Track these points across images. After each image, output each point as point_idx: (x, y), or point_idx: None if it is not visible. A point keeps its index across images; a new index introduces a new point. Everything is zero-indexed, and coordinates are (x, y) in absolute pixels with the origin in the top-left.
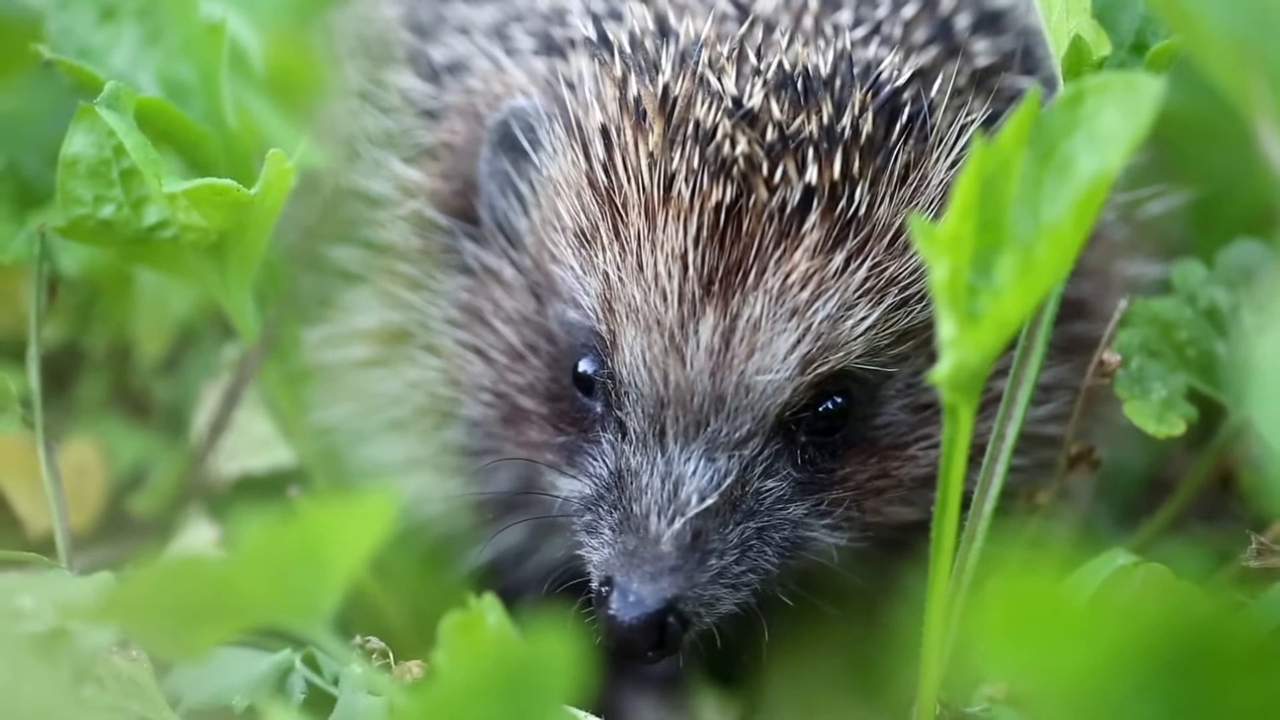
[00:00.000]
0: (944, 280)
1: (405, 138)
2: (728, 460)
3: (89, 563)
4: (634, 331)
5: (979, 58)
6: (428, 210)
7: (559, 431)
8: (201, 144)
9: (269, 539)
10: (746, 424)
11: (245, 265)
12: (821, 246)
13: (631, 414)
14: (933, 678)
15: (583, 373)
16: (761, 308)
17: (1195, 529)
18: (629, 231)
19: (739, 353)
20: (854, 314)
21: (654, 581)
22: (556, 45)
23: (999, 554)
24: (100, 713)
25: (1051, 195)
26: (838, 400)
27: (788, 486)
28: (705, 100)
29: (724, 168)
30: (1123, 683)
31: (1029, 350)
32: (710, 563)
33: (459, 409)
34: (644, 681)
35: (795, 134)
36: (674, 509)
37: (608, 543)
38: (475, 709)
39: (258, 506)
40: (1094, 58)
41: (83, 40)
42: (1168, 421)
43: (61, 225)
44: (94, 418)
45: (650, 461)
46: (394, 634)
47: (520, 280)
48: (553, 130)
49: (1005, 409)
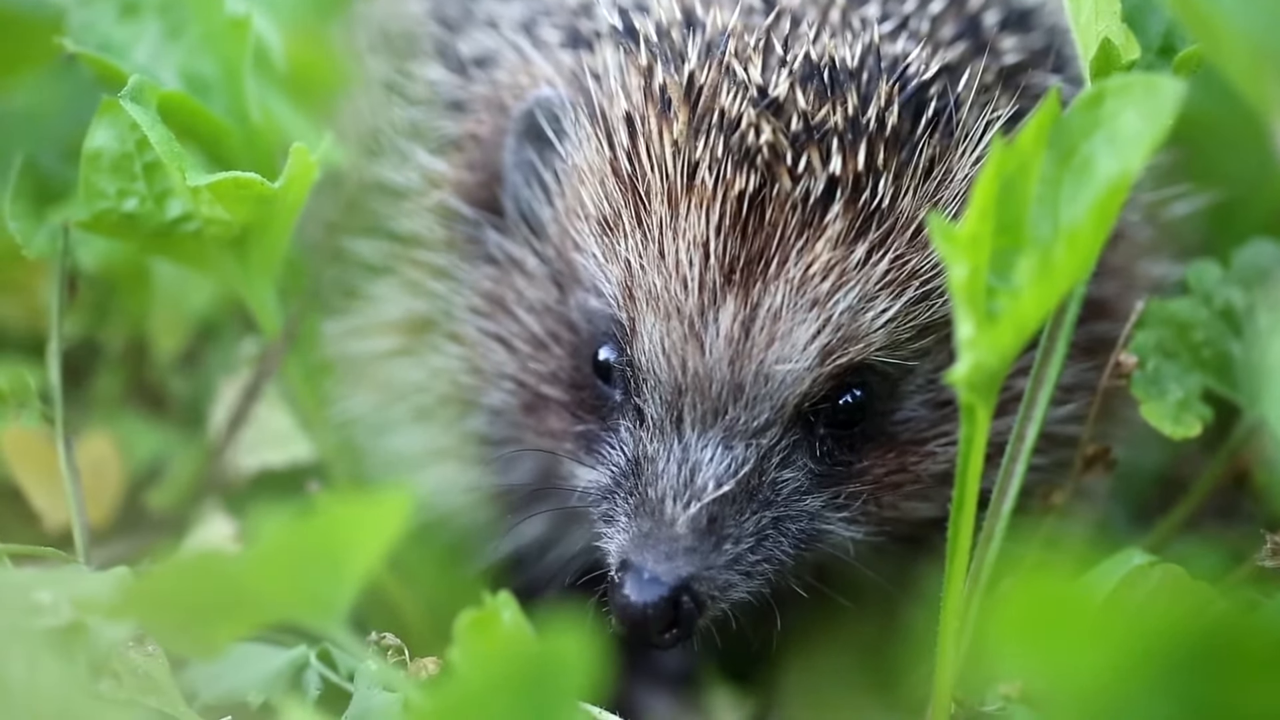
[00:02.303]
0: (962, 281)
1: (431, 129)
2: (745, 448)
3: (106, 558)
4: (653, 318)
5: (1007, 55)
6: (452, 201)
7: (578, 420)
8: (224, 138)
9: (286, 535)
10: (765, 413)
11: (268, 260)
12: (844, 238)
13: (650, 401)
14: (948, 675)
15: (603, 360)
16: (782, 297)
17: (1210, 529)
18: (651, 219)
19: (759, 341)
20: (875, 306)
21: (669, 560)
22: (583, 38)
23: (1015, 553)
24: (116, 707)
25: (1071, 196)
26: (857, 393)
27: (805, 478)
28: (730, 89)
29: (748, 157)
30: (1137, 682)
31: (1050, 351)
32: (725, 548)
33: (481, 397)
34: (658, 678)
35: (820, 124)
36: (690, 494)
37: (623, 529)
38: (490, 706)
39: (276, 502)
40: (1123, 60)
41: (104, 35)
42: (1184, 422)
43: (84, 219)
44: (111, 413)
45: (667, 448)
46: (410, 631)
47: (543, 269)
48: (578, 119)
49: (1025, 410)
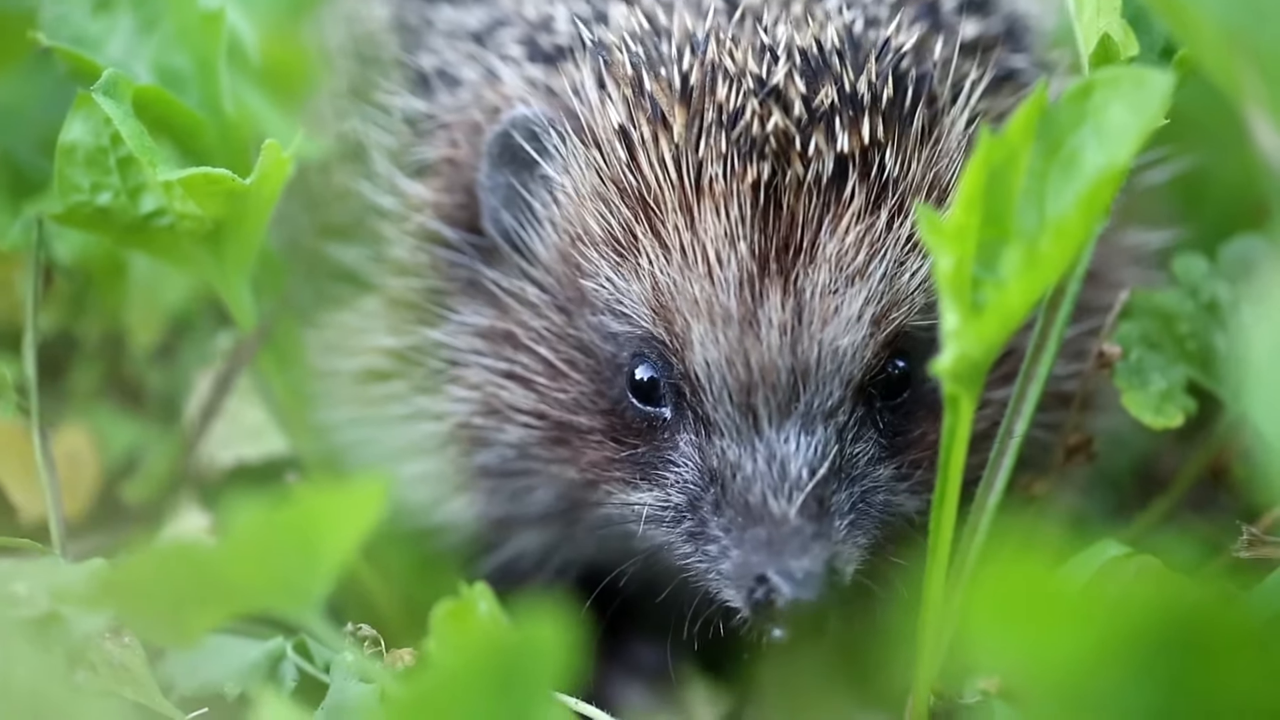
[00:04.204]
0: (948, 271)
1: (405, 152)
2: (824, 429)
3: (82, 549)
4: (703, 326)
5: (966, 32)
6: (433, 224)
7: (622, 445)
8: (198, 133)
9: (261, 525)
10: (836, 390)
11: (242, 254)
12: (865, 210)
13: (718, 406)
14: (928, 669)
15: (641, 380)
16: (824, 276)
17: (1187, 521)
18: (667, 229)
19: (814, 324)
20: (907, 268)
21: (807, 553)
22: (546, 53)
23: (993, 544)
24: (93, 698)
25: (1058, 189)
26: (900, 363)
27: (875, 449)
28: (725, 84)
29: (755, 147)
30: (1114, 671)
31: (1040, 349)
32: (837, 524)
33: (497, 435)
34: (633, 671)
35: (819, 106)
36: (789, 486)
37: (733, 544)
38: (466, 696)
39: (250, 494)
40: (1121, 57)
41: (78, 29)
42: (1165, 413)
43: (59, 212)
44: (87, 405)
45: (750, 448)
46: (385, 622)
47: (544, 298)
48: (563, 140)
49: (1014, 405)
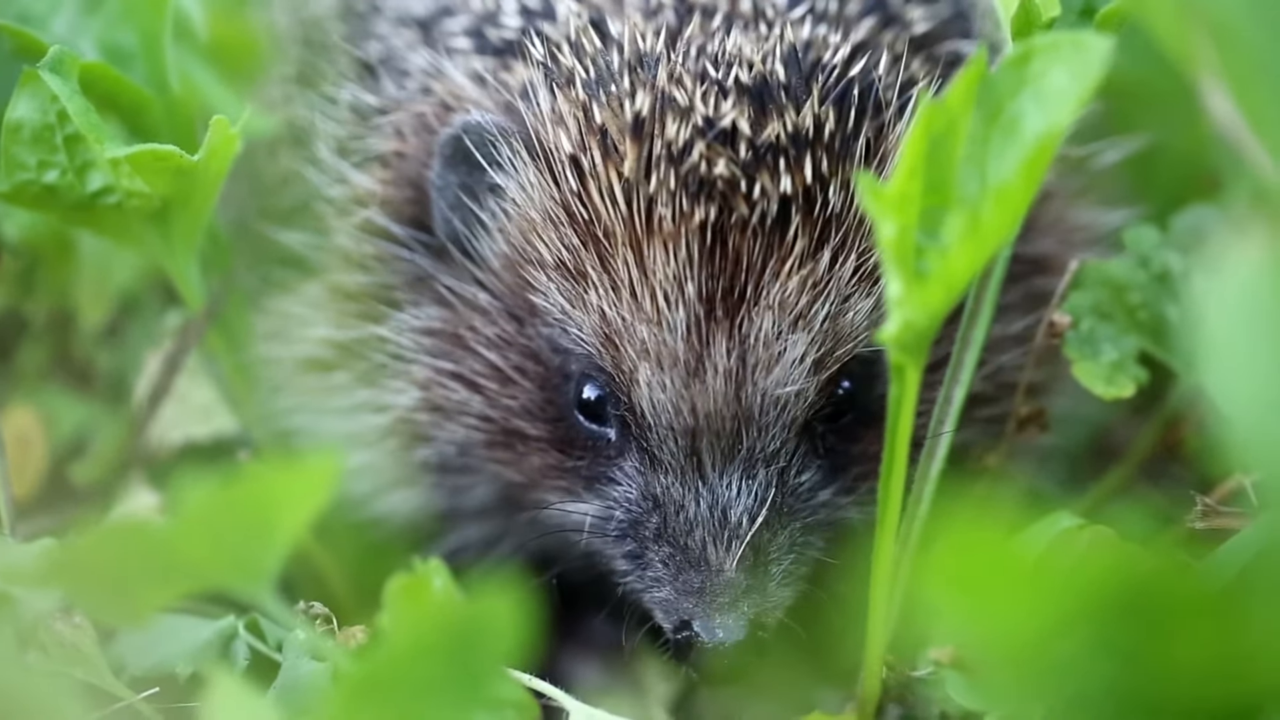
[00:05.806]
0: (891, 239)
1: (353, 143)
2: (765, 473)
3: (31, 531)
4: (650, 368)
5: (916, 25)
6: (380, 218)
7: (567, 456)
8: (145, 109)
9: (211, 502)
10: (779, 434)
11: (190, 232)
12: (809, 252)
13: (662, 446)
14: (879, 642)
15: (589, 399)
16: (768, 322)
17: (1141, 492)
18: (616, 264)
19: (758, 370)
20: (852, 306)
21: (733, 610)
22: (495, 46)
23: (945, 516)
24: (44, 679)
25: (999, 155)
26: (845, 386)
27: (816, 475)
28: (675, 119)
29: (703, 188)
30: (1068, 640)
31: (975, 314)
32: (772, 570)
33: (438, 432)
34: (587, 647)
35: (764, 145)
36: (728, 534)
37: (667, 580)
38: (419, 671)
39: (200, 473)
40: (1042, 18)
41: (23, 6)
42: (1117, 383)
43: (5, 191)
44: (35, 386)
45: (692, 491)
46: (338, 601)
47: (495, 304)
48: (514, 152)
49: (952, 372)
